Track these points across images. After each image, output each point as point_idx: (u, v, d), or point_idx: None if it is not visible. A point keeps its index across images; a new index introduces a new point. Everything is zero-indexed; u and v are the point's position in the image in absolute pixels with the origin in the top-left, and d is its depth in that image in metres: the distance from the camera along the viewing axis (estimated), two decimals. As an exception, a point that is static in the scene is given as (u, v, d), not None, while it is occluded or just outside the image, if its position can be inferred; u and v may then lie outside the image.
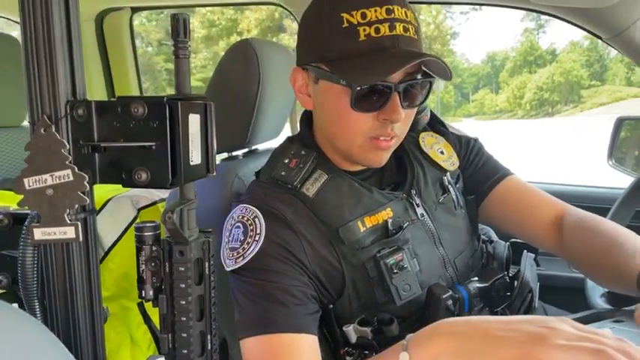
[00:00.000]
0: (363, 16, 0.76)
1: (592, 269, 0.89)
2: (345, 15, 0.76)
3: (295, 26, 1.62)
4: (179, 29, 0.49)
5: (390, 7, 0.76)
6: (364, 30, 0.76)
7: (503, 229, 1.02)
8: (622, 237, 0.84)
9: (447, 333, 0.58)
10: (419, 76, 0.80)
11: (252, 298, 0.76)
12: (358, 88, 0.76)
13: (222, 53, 1.06)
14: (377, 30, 0.76)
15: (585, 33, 1.32)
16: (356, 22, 0.76)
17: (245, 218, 0.81)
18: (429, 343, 0.59)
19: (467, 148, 1.02)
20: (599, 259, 0.85)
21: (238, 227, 0.81)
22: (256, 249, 0.77)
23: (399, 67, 0.75)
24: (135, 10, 1.90)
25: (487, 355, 0.53)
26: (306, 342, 0.74)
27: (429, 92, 0.84)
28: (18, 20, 0.47)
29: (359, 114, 0.79)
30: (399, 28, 0.76)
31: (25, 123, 1.42)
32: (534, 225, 0.96)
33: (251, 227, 0.79)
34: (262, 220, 0.79)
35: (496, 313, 0.92)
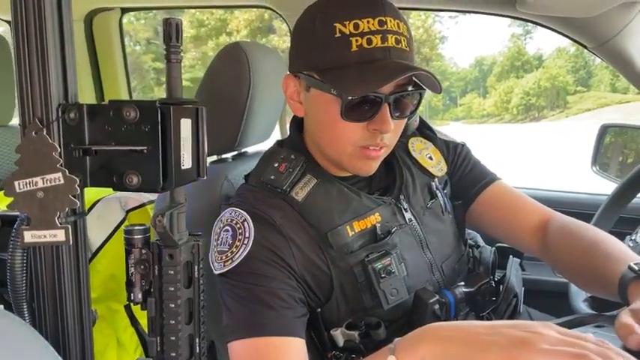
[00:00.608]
0: (356, 26, 0.76)
1: (575, 274, 0.90)
2: (337, 25, 0.77)
3: (285, 28, 1.62)
4: (171, 34, 0.49)
5: (383, 19, 0.77)
6: (356, 41, 0.76)
7: (489, 233, 1.03)
8: (605, 243, 0.85)
9: (433, 337, 0.59)
10: (410, 88, 0.81)
11: (241, 301, 0.76)
12: (349, 99, 0.77)
13: (211, 53, 1.07)
14: (369, 41, 0.76)
15: (571, 40, 1.34)
16: (348, 33, 0.76)
17: (234, 222, 0.81)
18: (415, 347, 0.59)
19: (455, 153, 1.03)
20: (582, 264, 0.86)
21: (227, 230, 0.81)
22: (245, 253, 0.77)
23: (389, 79, 0.75)
24: (125, 10, 1.89)
25: (472, 359, 0.54)
26: (294, 345, 0.74)
27: (419, 103, 0.84)
28: (8, 19, 0.47)
29: (349, 123, 0.79)
30: (391, 40, 0.77)
31: (12, 122, 1.40)
32: (520, 230, 0.97)
33: (240, 231, 0.79)
34: (251, 224, 0.79)
35: (482, 318, 0.93)
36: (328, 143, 0.84)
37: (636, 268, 0.74)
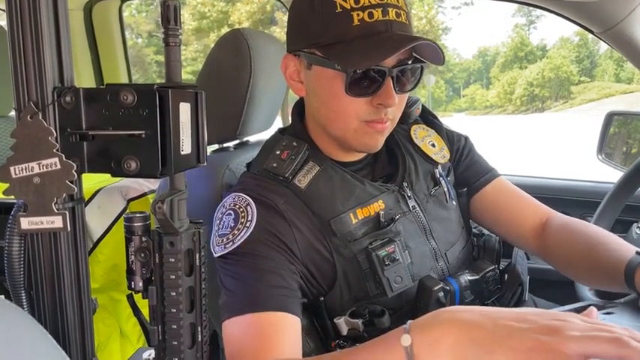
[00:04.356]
0: (356, 1, 0.76)
1: (576, 269, 0.90)
2: (338, 0, 0.76)
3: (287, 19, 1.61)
4: (169, 16, 0.48)
5: None
6: (358, 15, 0.76)
7: (487, 229, 1.03)
8: (609, 238, 0.86)
9: (452, 319, 0.56)
10: (409, 62, 0.80)
11: (239, 279, 0.75)
12: (353, 73, 0.76)
13: (213, 46, 1.05)
14: (370, 15, 0.76)
15: (575, 29, 1.33)
16: (349, 7, 0.76)
17: (237, 206, 0.80)
18: (432, 328, 0.56)
19: (459, 143, 1.02)
20: (585, 258, 0.86)
21: (229, 214, 0.80)
22: (246, 234, 0.77)
23: (395, 50, 0.75)
24: (124, -1, 1.88)
25: (498, 345, 0.51)
26: (288, 321, 0.73)
27: (420, 78, 0.84)
28: (4, 8, 0.46)
29: (353, 99, 0.79)
30: (392, 13, 0.77)
31: (13, 113, 1.40)
32: (520, 229, 0.97)
33: (242, 214, 0.79)
34: (254, 208, 0.79)
35: (486, 306, 0.92)
36: (333, 120, 0.83)
37: None
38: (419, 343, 0.55)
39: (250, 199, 0.80)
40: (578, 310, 0.76)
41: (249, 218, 0.78)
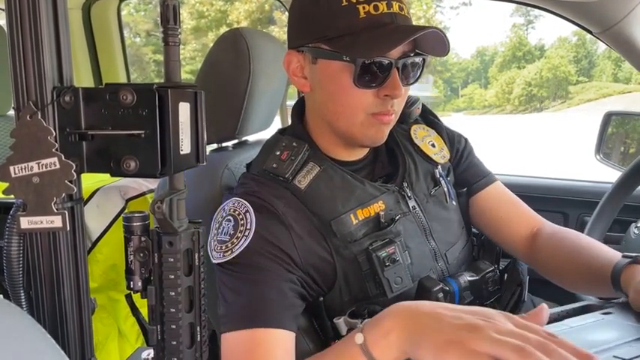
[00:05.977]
0: None
1: (563, 274, 0.91)
2: None
3: (285, 18, 1.61)
4: (169, 16, 0.48)
5: None
6: (363, 8, 0.77)
7: (482, 233, 1.03)
8: (590, 244, 0.88)
9: (398, 311, 0.61)
10: (412, 54, 0.82)
11: (237, 292, 0.76)
12: (361, 64, 0.77)
13: (212, 45, 1.05)
14: (375, 7, 0.78)
15: (573, 29, 1.33)
16: (355, 1, 0.78)
17: (236, 212, 0.80)
18: (381, 322, 0.61)
19: (458, 146, 1.03)
20: (569, 263, 0.88)
21: (229, 220, 0.80)
22: (245, 244, 0.77)
23: (404, 39, 0.76)
24: (122, -2, 1.87)
25: (423, 336, 0.56)
26: (282, 338, 0.73)
27: (422, 71, 0.85)
28: (3, 8, 0.46)
29: (360, 91, 0.80)
30: (396, 6, 0.79)
31: (11, 112, 1.39)
32: (510, 236, 0.98)
33: (242, 222, 0.79)
34: (253, 215, 0.79)
35: (485, 307, 0.92)
36: (339, 113, 0.84)
37: (632, 254, 0.77)
38: (372, 339, 0.59)
39: (249, 206, 0.80)
40: (578, 310, 0.76)
41: (248, 227, 0.78)
